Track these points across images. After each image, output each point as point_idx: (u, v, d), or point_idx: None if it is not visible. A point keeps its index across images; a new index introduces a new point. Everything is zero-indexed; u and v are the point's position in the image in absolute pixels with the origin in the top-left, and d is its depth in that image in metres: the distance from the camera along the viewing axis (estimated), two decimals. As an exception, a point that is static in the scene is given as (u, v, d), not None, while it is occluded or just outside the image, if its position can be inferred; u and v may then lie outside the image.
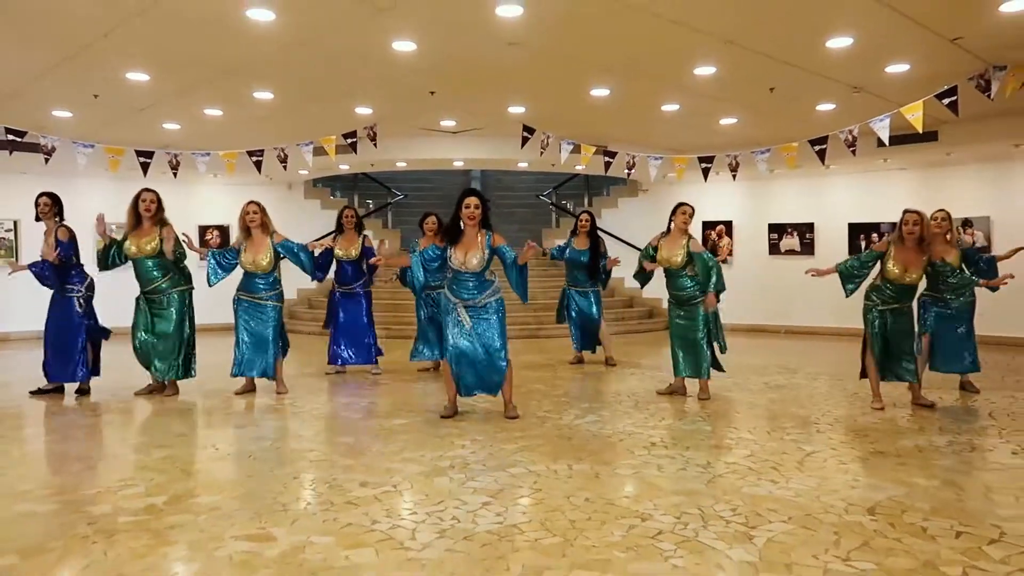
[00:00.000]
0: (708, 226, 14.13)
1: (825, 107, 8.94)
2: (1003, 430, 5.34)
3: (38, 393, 6.91)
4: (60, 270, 6.80)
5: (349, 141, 9.45)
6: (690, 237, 6.63)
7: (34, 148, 8.89)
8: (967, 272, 6.61)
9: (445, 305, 5.84)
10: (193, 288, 6.96)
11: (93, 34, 6.14)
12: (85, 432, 5.63)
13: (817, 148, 8.63)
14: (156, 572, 2.88)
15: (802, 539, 3.21)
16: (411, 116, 9.69)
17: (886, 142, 7.90)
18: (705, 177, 10.30)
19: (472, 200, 5.68)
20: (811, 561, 2.96)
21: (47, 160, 8.70)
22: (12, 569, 2.91)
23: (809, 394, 6.89)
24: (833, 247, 12.29)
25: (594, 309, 8.83)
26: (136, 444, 5.21)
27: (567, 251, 8.91)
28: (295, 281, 14.56)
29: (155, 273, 6.75)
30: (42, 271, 6.81)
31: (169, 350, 6.75)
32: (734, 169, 9.90)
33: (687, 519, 3.46)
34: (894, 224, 12.04)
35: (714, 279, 6.43)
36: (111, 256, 6.79)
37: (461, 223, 5.72)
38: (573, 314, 8.94)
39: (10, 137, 8.20)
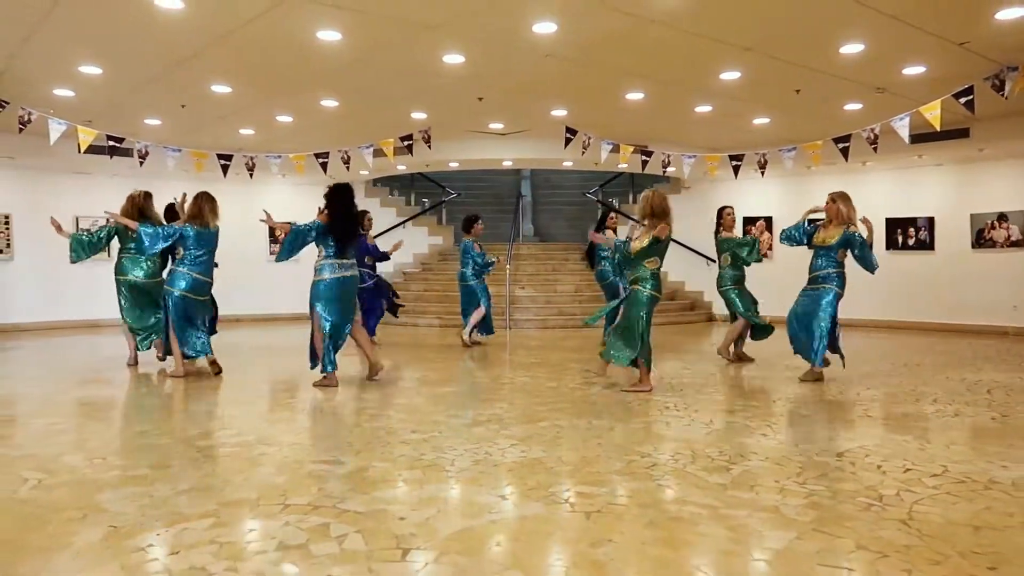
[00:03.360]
0: (748, 221, 14.57)
1: (852, 107, 9.39)
2: (993, 402, 5.84)
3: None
4: None
5: (406, 143, 10.31)
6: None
7: (128, 152, 10.02)
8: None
9: None
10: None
11: (184, 54, 7.12)
12: (170, 395, 6.59)
13: (841, 146, 9.11)
14: (255, 480, 3.72)
15: (771, 471, 3.87)
16: (462, 119, 10.50)
17: (906, 140, 8.36)
18: (736, 174, 10.85)
19: None
20: (772, 484, 3.63)
21: (142, 163, 9.80)
22: (145, 476, 3.79)
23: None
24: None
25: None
26: (217, 401, 6.15)
27: None
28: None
29: None
30: None
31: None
32: (762, 166, 10.43)
33: (679, 457, 4.15)
34: (930, 219, 12.47)
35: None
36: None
37: None
38: None
39: (111, 143, 9.31)
